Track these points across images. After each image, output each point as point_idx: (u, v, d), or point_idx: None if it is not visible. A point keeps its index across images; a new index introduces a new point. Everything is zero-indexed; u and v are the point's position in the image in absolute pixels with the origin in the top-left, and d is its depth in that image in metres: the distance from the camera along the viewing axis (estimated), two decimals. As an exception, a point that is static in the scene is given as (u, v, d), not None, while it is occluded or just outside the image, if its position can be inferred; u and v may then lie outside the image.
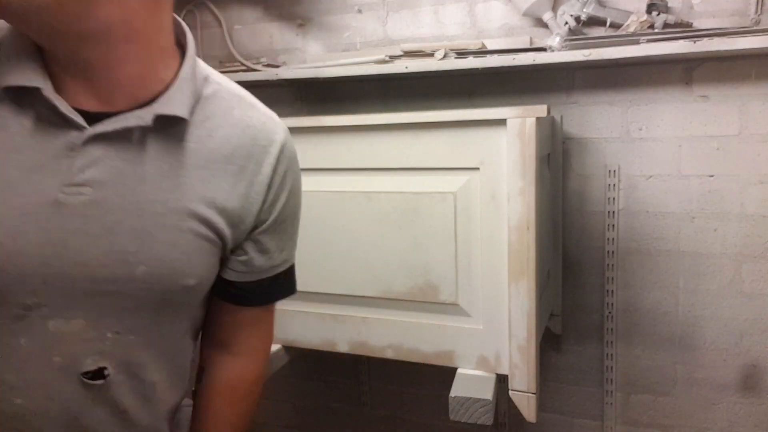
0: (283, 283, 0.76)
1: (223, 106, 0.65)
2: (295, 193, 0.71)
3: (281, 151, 0.67)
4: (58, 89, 0.56)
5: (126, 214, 0.59)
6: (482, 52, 1.49)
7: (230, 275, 0.70)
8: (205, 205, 0.62)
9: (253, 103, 0.69)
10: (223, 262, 0.69)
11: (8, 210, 0.55)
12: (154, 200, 0.60)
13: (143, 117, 0.58)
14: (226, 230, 0.65)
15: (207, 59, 1.91)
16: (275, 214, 0.69)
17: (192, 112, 0.62)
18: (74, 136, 0.56)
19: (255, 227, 0.68)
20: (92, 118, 0.57)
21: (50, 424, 0.61)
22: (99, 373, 0.62)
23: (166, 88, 0.60)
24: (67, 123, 0.56)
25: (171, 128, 0.61)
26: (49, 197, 0.56)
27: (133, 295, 0.61)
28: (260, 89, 1.84)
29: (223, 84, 0.67)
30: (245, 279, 0.71)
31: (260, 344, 0.80)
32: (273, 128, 0.68)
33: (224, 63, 1.85)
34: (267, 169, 0.66)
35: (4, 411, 0.60)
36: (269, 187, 0.67)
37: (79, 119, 0.56)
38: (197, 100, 0.63)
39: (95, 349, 0.61)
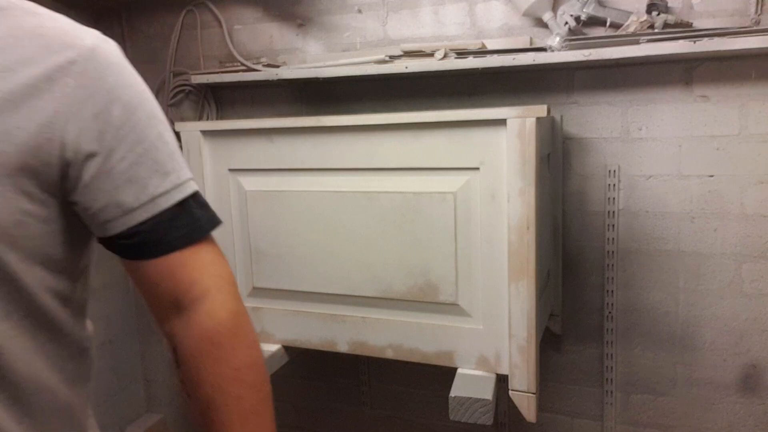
0: (187, 217, 0.63)
1: (10, 22, 0.54)
2: (133, 109, 0.59)
3: (88, 61, 0.56)
4: None
5: None
6: (482, 52, 1.49)
7: (109, 228, 0.59)
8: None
9: (54, 16, 0.58)
10: (85, 215, 0.59)
11: None
12: None
13: None
14: (44, 172, 0.54)
15: (207, 59, 1.92)
16: (106, 142, 0.57)
17: None
18: None
19: (87, 158, 0.56)
20: None
21: None
22: None
23: None
24: None
25: None
26: None
27: None
28: (260, 89, 1.85)
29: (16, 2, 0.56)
30: (127, 224, 0.59)
31: (213, 279, 0.65)
32: (76, 33, 0.57)
33: (224, 63, 1.85)
34: (68, 87, 0.55)
35: None
36: (81, 110, 0.55)
37: None
38: None
39: None
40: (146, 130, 0.60)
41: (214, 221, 0.66)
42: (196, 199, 0.65)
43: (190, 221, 0.63)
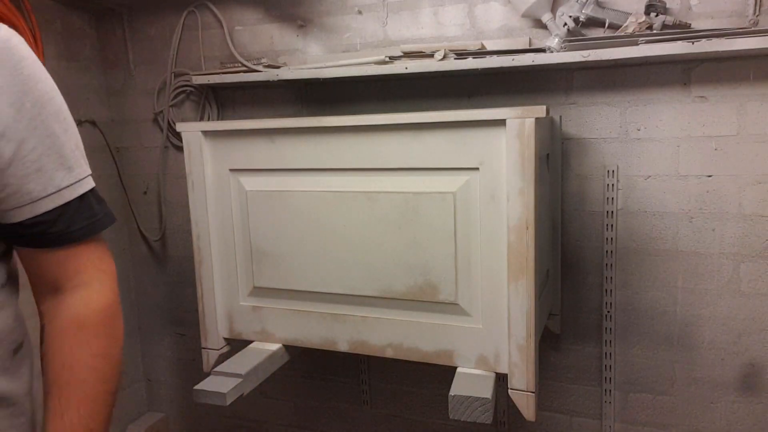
0: (84, 211, 0.66)
1: None
2: (39, 97, 0.61)
3: (3, 49, 0.58)
4: None
5: None
6: (482, 52, 1.49)
7: (13, 215, 0.62)
8: None
9: None
10: None
11: None
12: None
13: None
14: None
15: (208, 60, 1.93)
16: (15, 125, 0.59)
17: None
18: None
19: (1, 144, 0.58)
20: None
21: None
22: None
23: None
24: None
25: None
26: None
27: None
28: (261, 90, 1.85)
29: None
30: (33, 213, 0.62)
31: (97, 273, 0.68)
32: None
33: (225, 64, 1.86)
34: None
35: None
36: None
37: None
38: None
39: None
40: (54, 124, 0.63)
41: (111, 218, 0.70)
42: (94, 193, 0.68)
43: (90, 215, 0.67)
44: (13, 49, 0.59)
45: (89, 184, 0.67)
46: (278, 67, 1.72)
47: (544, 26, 1.52)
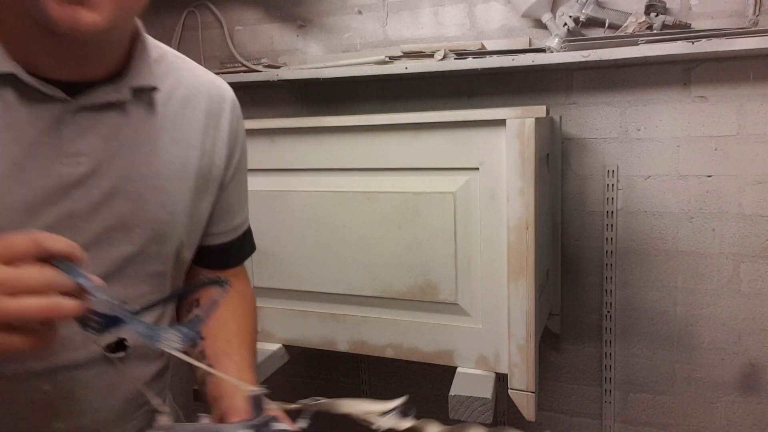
0: (249, 241, 0.82)
1: (172, 67, 0.68)
2: (245, 149, 0.77)
3: (233, 106, 0.73)
4: (29, 65, 0.55)
5: (119, 180, 0.61)
6: (482, 53, 1.49)
7: (208, 240, 0.75)
8: (181, 164, 0.66)
9: (193, 62, 0.72)
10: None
11: (18, 186, 0.55)
12: (139, 164, 0.62)
13: (121, 91, 0.60)
14: (199, 182, 0.69)
15: (208, 60, 1.93)
16: (232, 169, 0.73)
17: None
18: (60, 108, 0.57)
19: (220, 183, 0.72)
20: (69, 88, 0.57)
21: (77, 406, 0.62)
22: (120, 345, 0.64)
23: (130, 56, 0.62)
24: (50, 98, 0.56)
25: (143, 95, 0.63)
26: (51, 170, 0.57)
27: (131, 259, 0.63)
28: (261, 90, 1.85)
29: (162, 46, 0.69)
30: (221, 240, 0.76)
31: (242, 286, 0.83)
32: (221, 85, 0.73)
33: (225, 64, 1.85)
34: (225, 124, 0.71)
35: (32, 400, 0.60)
36: (228, 142, 0.71)
37: (61, 93, 0.56)
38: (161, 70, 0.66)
39: None
40: (246, 171, 0.80)
41: (254, 247, 0.87)
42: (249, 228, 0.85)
43: (251, 244, 0.84)
44: (239, 107, 0.76)
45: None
46: (278, 67, 1.72)
47: (544, 26, 1.52)
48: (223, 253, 0.78)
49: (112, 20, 0.50)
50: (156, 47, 0.67)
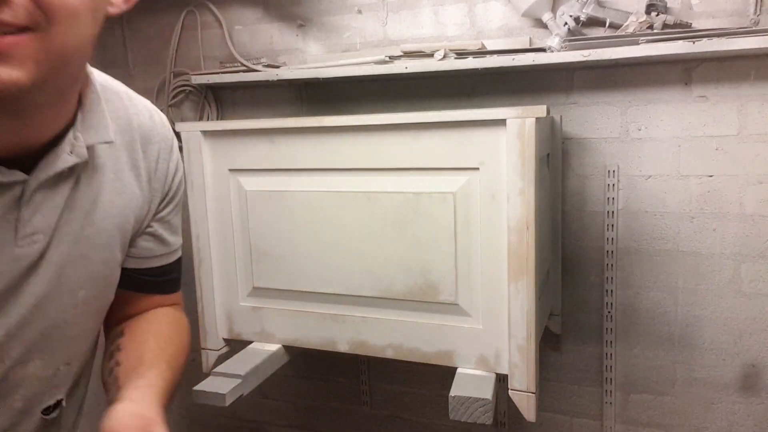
0: (179, 269, 0.81)
1: (111, 108, 0.63)
2: (182, 180, 0.77)
3: (172, 145, 0.72)
4: None
5: (68, 248, 0.59)
6: (482, 52, 1.49)
7: (141, 263, 0.74)
8: (121, 215, 0.65)
9: (131, 95, 0.69)
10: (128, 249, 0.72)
11: None
12: (85, 225, 0.61)
13: (79, 153, 0.56)
14: (135, 226, 0.69)
15: (207, 60, 1.92)
16: (169, 201, 0.74)
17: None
18: (19, 189, 0.54)
19: (156, 214, 0.72)
20: (22, 159, 0.54)
21: None
22: (56, 406, 0.64)
23: (81, 108, 0.58)
24: (7, 185, 0.54)
25: (94, 151, 0.60)
26: (9, 254, 0.55)
27: (76, 322, 0.62)
28: (260, 90, 1.85)
29: (100, 80, 0.64)
30: (153, 264, 0.75)
31: (177, 312, 0.81)
32: (160, 122, 0.72)
33: (224, 63, 1.85)
34: (163, 165, 0.70)
35: None
36: (165, 177, 0.71)
37: (21, 175, 0.54)
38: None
39: (51, 384, 0.63)
40: (181, 199, 0.78)
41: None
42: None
43: (180, 273, 0.82)
44: (175, 141, 0.74)
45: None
46: (278, 67, 1.72)
47: (544, 26, 1.52)
48: (156, 277, 0.76)
49: (38, 76, 0.46)
50: (103, 91, 0.63)
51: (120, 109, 0.65)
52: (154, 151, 0.69)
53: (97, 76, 0.63)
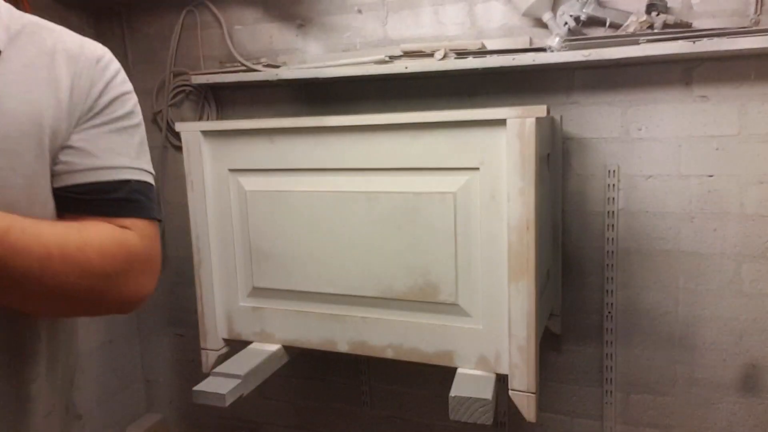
0: (130, 191, 0.73)
1: (34, 35, 0.69)
2: (125, 101, 0.74)
3: (105, 66, 0.72)
4: None
5: None
6: (482, 52, 1.49)
7: (66, 179, 0.70)
8: (32, 123, 0.65)
9: (62, 30, 0.72)
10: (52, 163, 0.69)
11: None
12: None
13: None
14: (53, 138, 0.67)
15: (207, 59, 1.92)
16: (95, 116, 0.71)
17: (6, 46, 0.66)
18: None
19: (76, 126, 0.69)
20: None
21: None
22: None
23: None
24: None
25: None
26: None
27: None
28: (260, 89, 1.85)
29: (33, 20, 0.70)
30: (77, 180, 0.70)
31: (140, 235, 0.73)
32: (90, 48, 0.73)
33: (224, 63, 1.85)
34: (85, 82, 0.70)
35: None
36: (88, 95, 0.70)
37: None
38: (10, 35, 0.67)
39: None
40: (129, 123, 0.75)
41: (152, 207, 0.77)
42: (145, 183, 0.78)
43: (138, 202, 0.75)
44: (115, 67, 0.74)
45: (140, 176, 0.74)
46: (278, 67, 1.71)
47: (544, 25, 1.51)
48: (88, 196, 0.71)
49: None
50: (23, 19, 0.68)
51: (42, 37, 0.70)
52: (78, 70, 0.71)
53: (35, 18, 0.70)
